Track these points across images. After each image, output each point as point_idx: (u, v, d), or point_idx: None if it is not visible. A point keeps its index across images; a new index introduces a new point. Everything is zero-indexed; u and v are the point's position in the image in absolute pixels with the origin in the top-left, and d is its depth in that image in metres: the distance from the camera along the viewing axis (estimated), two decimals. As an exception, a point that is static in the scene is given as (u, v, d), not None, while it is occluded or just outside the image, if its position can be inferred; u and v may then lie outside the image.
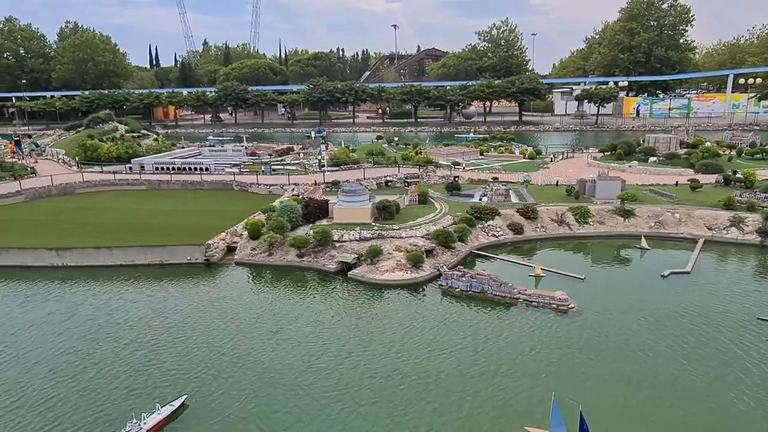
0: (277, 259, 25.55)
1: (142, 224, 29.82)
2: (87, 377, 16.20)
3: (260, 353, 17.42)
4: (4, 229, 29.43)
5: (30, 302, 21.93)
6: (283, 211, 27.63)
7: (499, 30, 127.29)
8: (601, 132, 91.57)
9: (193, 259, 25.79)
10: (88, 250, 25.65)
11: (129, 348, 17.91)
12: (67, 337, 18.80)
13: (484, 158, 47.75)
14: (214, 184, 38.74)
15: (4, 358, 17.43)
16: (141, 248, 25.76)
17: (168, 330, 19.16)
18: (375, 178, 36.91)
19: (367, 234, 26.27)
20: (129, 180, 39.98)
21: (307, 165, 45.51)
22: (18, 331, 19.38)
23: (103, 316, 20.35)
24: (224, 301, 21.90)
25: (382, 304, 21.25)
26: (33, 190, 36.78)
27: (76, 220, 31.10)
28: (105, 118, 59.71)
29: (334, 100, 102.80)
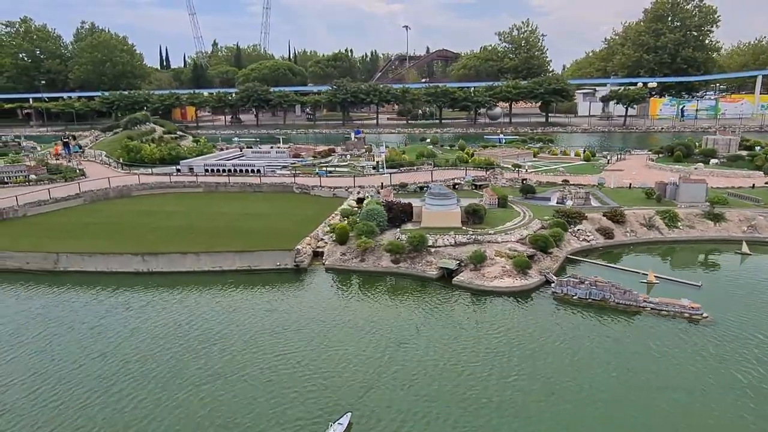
0: (371, 264, 24.63)
1: (213, 228, 28.94)
2: (225, 391, 15.22)
3: (394, 364, 16.48)
4: (73, 233, 28.59)
5: (131, 308, 20.99)
6: (369, 215, 26.69)
7: (520, 31, 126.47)
8: (629, 133, 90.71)
9: (282, 265, 24.87)
10: (174, 256, 24.74)
11: (264, 360, 16.93)
12: (192, 348, 17.83)
13: (538, 160, 46.78)
14: (273, 187, 37.84)
15: (152, 372, 16.46)
16: (229, 254, 24.86)
17: (290, 340, 18.22)
18: (442, 180, 35.92)
19: (462, 239, 25.37)
20: (185, 182, 39.09)
21: (359, 166, 44.57)
22: (145, 338, 18.46)
23: (215, 326, 19.39)
24: (333, 308, 20.96)
25: (500, 313, 20.28)
26: (91, 193, 35.93)
27: (145, 224, 30.17)
28: (142, 119, 58.84)
29: (359, 101, 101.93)
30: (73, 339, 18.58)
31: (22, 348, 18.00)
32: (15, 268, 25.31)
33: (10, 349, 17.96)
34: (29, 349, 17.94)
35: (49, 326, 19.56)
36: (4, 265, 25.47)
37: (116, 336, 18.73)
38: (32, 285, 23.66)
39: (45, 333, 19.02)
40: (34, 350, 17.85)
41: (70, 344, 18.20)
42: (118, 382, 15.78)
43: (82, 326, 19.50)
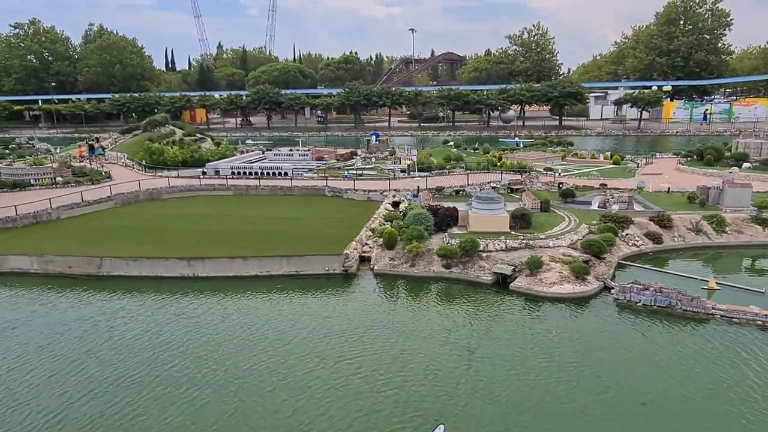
0: (422, 270, 24.15)
1: (251, 232, 28.46)
2: (310, 401, 14.73)
3: (471, 372, 15.98)
4: (110, 237, 28.13)
5: (186, 315, 20.50)
6: (416, 220, 26.21)
7: (531, 34, 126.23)
8: (644, 137, 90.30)
9: (330, 270, 24.37)
10: (222, 260, 24.25)
11: (338, 369, 16.42)
12: (261, 355, 17.33)
13: (567, 163, 46.32)
14: (304, 190, 37.40)
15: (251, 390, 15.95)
16: (277, 258, 24.37)
17: (355, 347, 17.71)
18: (478, 184, 35.46)
19: (514, 243, 24.91)
20: (214, 185, 38.64)
21: (386, 170, 44.10)
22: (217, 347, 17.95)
23: (276, 332, 18.90)
24: (391, 314, 20.49)
25: (566, 320, 19.78)
26: (122, 196, 35.46)
27: (181, 228, 29.72)
28: (161, 122, 58.40)
29: (371, 103, 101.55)
30: (146, 348, 18.04)
31: (89, 357, 17.44)
32: (57, 273, 24.85)
33: (78, 358, 17.42)
34: (98, 358, 17.40)
35: (112, 334, 19.02)
36: (45, 269, 25.01)
37: (180, 343, 18.22)
38: (78, 290, 23.15)
39: (111, 342, 18.43)
40: (105, 359, 17.31)
41: (140, 352, 17.63)
42: (201, 392, 15.26)
43: (146, 334, 18.97)
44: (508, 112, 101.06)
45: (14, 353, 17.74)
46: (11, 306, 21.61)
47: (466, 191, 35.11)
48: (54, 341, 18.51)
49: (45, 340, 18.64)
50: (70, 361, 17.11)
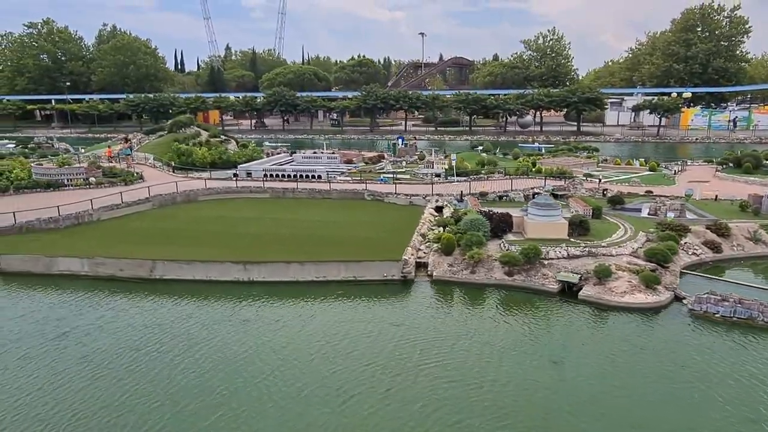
0: (482, 276, 23.56)
1: (297, 236, 27.84)
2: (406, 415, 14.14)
3: (563, 386, 15.38)
4: (155, 239, 27.62)
5: (248, 321, 19.93)
6: (473, 225, 25.64)
7: (546, 39, 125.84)
8: (662, 143, 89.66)
9: (389, 276, 23.80)
10: (278, 265, 23.70)
11: (429, 382, 15.83)
12: (341, 364, 16.75)
13: (602, 169, 45.72)
14: (343, 194, 36.84)
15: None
16: (334, 263, 23.81)
17: (433, 357, 17.14)
18: (522, 189, 34.89)
19: (576, 251, 24.32)
20: (251, 188, 38.13)
21: (420, 174, 43.58)
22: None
23: (348, 340, 18.32)
24: (461, 323, 19.93)
25: (645, 331, 19.18)
26: (160, 197, 34.95)
27: (225, 231, 29.14)
28: (187, 122, 57.96)
29: (389, 107, 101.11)
30: (227, 360, 17.47)
31: (166, 365, 16.87)
32: (107, 276, 24.33)
33: (149, 363, 16.85)
34: (172, 367, 16.84)
35: (178, 341, 18.47)
36: (96, 272, 24.49)
37: (246, 352, 17.65)
38: (137, 294, 22.62)
39: (179, 350, 17.88)
40: (180, 367, 16.76)
41: (224, 363, 17.03)
42: (287, 403, 14.68)
43: (226, 344, 18.39)
44: (526, 117, 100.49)
45: (107, 360, 17.16)
46: (75, 310, 21.00)
47: (509, 197, 34.55)
48: (132, 348, 17.91)
49: (120, 347, 18.05)
50: (155, 373, 16.51)
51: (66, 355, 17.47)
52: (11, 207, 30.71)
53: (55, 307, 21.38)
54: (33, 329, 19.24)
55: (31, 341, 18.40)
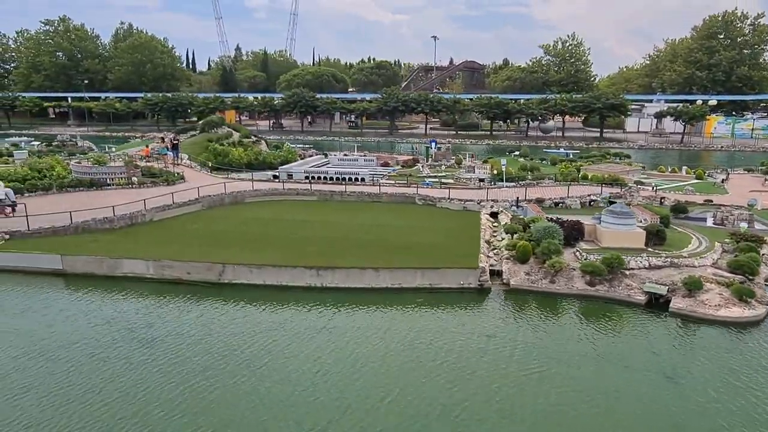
0: (563, 286, 22.84)
1: (360, 241, 27.17)
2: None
3: (699, 409, 14.65)
4: (212, 241, 26.84)
5: (331, 330, 19.21)
6: (546, 233, 24.91)
7: (565, 44, 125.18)
8: (687, 151, 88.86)
9: (465, 284, 23.09)
10: (352, 271, 23.01)
11: (527, 403, 15.11)
12: (430, 377, 16.04)
13: (647, 177, 44.97)
14: (393, 197, 36.12)
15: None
16: (410, 270, 23.12)
17: (529, 372, 16.40)
18: (578, 196, 34.18)
19: (657, 261, 23.60)
20: (298, 190, 37.45)
21: (463, 179, 42.88)
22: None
23: (435, 351, 17.62)
24: (549, 335, 19.25)
25: (750, 346, 18.42)
26: (208, 198, 34.30)
27: (284, 234, 28.43)
28: (218, 122, 57.35)
29: (410, 110, 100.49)
30: (326, 373, 16.77)
31: (263, 377, 16.19)
32: (174, 279, 23.65)
33: (246, 374, 16.16)
34: (262, 379, 16.16)
35: (267, 352, 17.80)
36: (161, 274, 23.81)
37: (337, 363, 16.98)
38: (203, 298, 21.96)
39: (273, 363, 17.22)
40: (272, 378, 16.07)
41: (331, 375, 16.38)
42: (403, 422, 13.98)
43: (304, 350, 17.74)
44: (548, 122, 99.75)
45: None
46: (158, 318, 20.29)
47: (565, 203, 33.83)
48: (221, 357, 17.24)
49: (209, 355, 17.38)
50: (250, 384, 15.81)
51: (158, 362, 16.77)
52: (59, 206, 30.21)
53: (138, 312, 20.71)
54: (122, 336, 18.53)
55: (124, 347, 17.69)
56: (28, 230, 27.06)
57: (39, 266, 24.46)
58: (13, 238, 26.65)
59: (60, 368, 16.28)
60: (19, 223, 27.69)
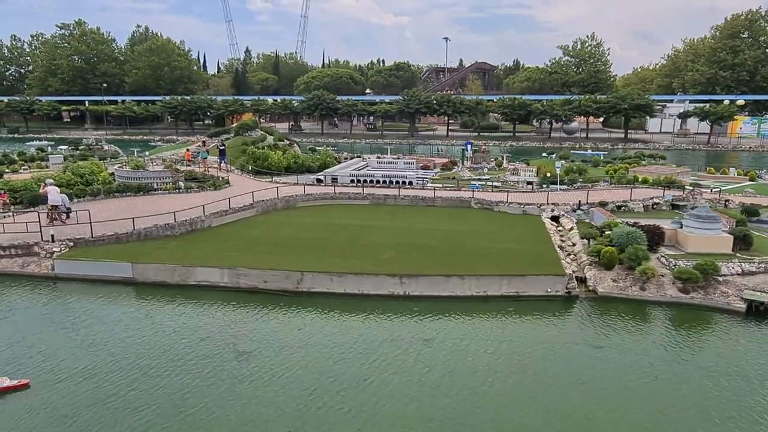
0: (655, 293, 22.05)
1: (429, 246, 26.32)
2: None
3: None
4: (278, 248, 26.13)
5: (431, 341, 18.49)
6: (629, 238, 24.13)
7: (584, 45, 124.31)
8: (714, 152, 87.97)
9: (552, 291, 22.34)
10: (437, 278, 22.29)
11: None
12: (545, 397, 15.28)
13: (698, 179, 44.10)
14: (448, 201, 35.39)
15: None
16: (495, 277, 22.40)
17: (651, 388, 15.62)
18: (641, 199, 33.38)
19: (750, 267, 22.80)
20: (350, 194, 36.74)
21: (510, 181, 42.13)
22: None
23: (540, 363, 16.87)
24: (658, 344, 18.44)
25: None
26: (262, 203, 33.64)
27: (351, 239, 27.74)
28: (252, 125, 56.81)
29: (432, 111, 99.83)
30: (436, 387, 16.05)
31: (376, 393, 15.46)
32: (249, 287, 22.97)
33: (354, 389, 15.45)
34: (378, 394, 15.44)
35: (374, 365, 17.10)
36: (236, 283, 23.13)
37: (447, 377, 16.25)
38: (285, 308, 21.29)
39: (380, 377, 16.50)
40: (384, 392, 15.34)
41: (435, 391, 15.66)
42: None
43: (407, 362, 17.03)
44: (572, 123, 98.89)
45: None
46: (246, 328, 19.63)
47: (628, 207, 33.03)
48: (327, 375, 16.54)
49: (307, 369, 16.68)
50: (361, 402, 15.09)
51: (263, 377, 16.11)
52: (112, 212, 29.76)
53: (228, 324, 20.03)
54: (219, 349, 17.85)
55: (225, 360, 17.02)
56: (91, 237, 26.38)
57: (109, 275, 23.86)
58: (77, 246, 26.01)
59: (171, 385, 15.59)
60: (81, 229, 27.05)
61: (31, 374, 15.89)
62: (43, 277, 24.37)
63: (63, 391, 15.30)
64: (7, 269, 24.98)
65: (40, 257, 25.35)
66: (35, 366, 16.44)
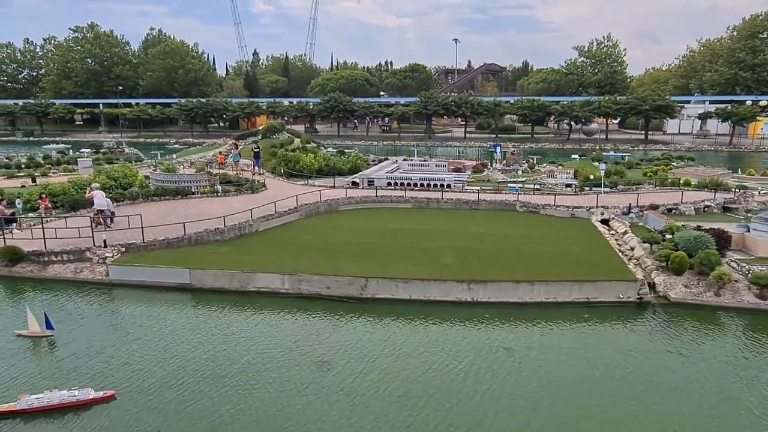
0: (730, 299, 21.44)
1: (489, 251, 25.82)
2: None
3: None
4: (333, 253, 25.57)
5: (512, 350, 17.94)
6: (697, 243, 23.53)
7: (600, 46, 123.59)
8: (736, 153, 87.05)
9: (624, 297, 21.75)
10: (506, 284, 21.74)
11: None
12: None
13: (738, 180, 43.43)
14: (492, 204, 34.84)
15: None
16: (566, 283, 21.83)
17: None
18: (692, 202, 32.76)
19: (828, 273, 22.09)
20: (391, 197, 36.24)
21: (549, 184, 41.55)
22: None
23: (634, 374, 16.29)
24: (750, 352, 17.82)
25: None
26: (305, 207, 33.15)
27: (408, 245, 27.03)
28: (279, 128, 56.41)
29: (450, 113, 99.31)
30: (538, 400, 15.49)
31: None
32: (312, 294, 22.47)
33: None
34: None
35: (458, 374, 16.56)
36: (298, 289, 22.63)
37: (539, 390, 15.69)
38: (354, 314, 20.77)
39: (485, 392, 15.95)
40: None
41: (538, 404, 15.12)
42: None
43: (488, 373, 16.49)
44: (591, 125, 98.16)
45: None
46: (344, 338, 19.09)
47: (678, 210, 32.41)
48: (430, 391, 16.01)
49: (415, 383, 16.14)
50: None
51: (349, 387, 15.58)
52: (152, 216, 29.61)
53: (311, 333, 19.53)
54: (299, 360, 17.34)
55: (298, 372, 16.51)
56: (143, 242, 25.95)
57: (166, 281, 23.39)
58: (128, 251, 25.58)
59: (257, 397, 15.13)
60: (130, 234, 26.60)
61: (114, 385, 15.41)
62: (97, 284, 23.93)
63: (149, 402, 14.84)
64: (60, 275, 24.55)
65: (92, 263, 24.93)
66: (117, 377, 15.99)
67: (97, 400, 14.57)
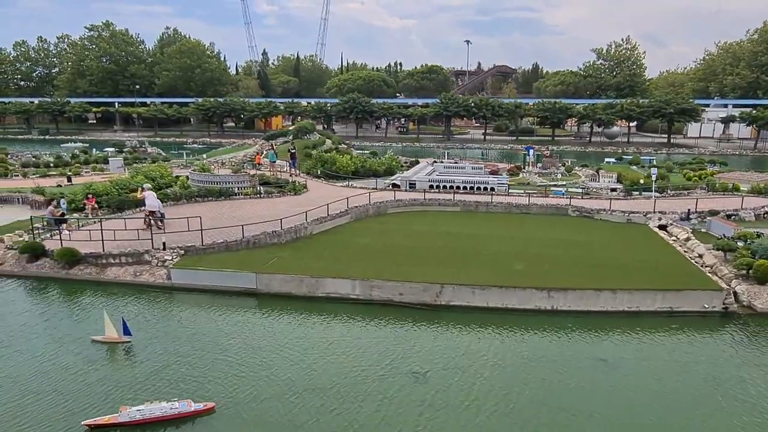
0: (820, 311, 20.69)
1: (556, 257, 25.05)
2: None
3: None
4: (394, 258, 24.91)
5: (608, 361, 17.27)
6: (761, 248, 22.83)
7: (619, 48, 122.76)
8: (762, 157, 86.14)
9: (709, 307, 21.07)
10: (587, 292, 21.08)
11: None
12: None
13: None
14: (544, 208, 34.16)
15: None
16: (649, 292, 21.14)
17: None
18: (752, 208, 32.05)
19: None
20: (439, 200, 35.61)
21: (593, 188, 40.85)
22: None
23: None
24: None
25: None
26: (355, 210, 32.50)
27: (471, 250, 26.29)
28: (310, 129, 55.83)
29: (471, 114, 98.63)
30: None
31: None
32: (383, 300, 21.83)
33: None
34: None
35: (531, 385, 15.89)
36: (369, 295, 21.99)
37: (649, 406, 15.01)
38: (432, 322, 20.13)
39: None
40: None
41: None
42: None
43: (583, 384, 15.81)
44: (613, 127, 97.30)
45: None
46: (434, 347, 18.44)
47: (739, 215, 31.69)
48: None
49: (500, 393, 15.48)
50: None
51: (450, 405, 14.94)
52: (203, 218, 28.89)
53: (383, 340, 18.91)
54: (392, 370, 16.71)
55: (395, 384, 15.87)
56: (202, 245, 25.34)
57: (231, 285, 22.79)
58: (188, 254, 24.98)
59: (360, 410, 14.52)
60: (186, 236, 25.96)
61: (210, 397, 14.80)
62: (158, 287, 23.32)
63: (249, 415, 14.25)
64: (120, 278, 23.99)
65: (152, 266, 24.34)
66: (210, 387, 15.37)
67: (198, 413, 13.95)
